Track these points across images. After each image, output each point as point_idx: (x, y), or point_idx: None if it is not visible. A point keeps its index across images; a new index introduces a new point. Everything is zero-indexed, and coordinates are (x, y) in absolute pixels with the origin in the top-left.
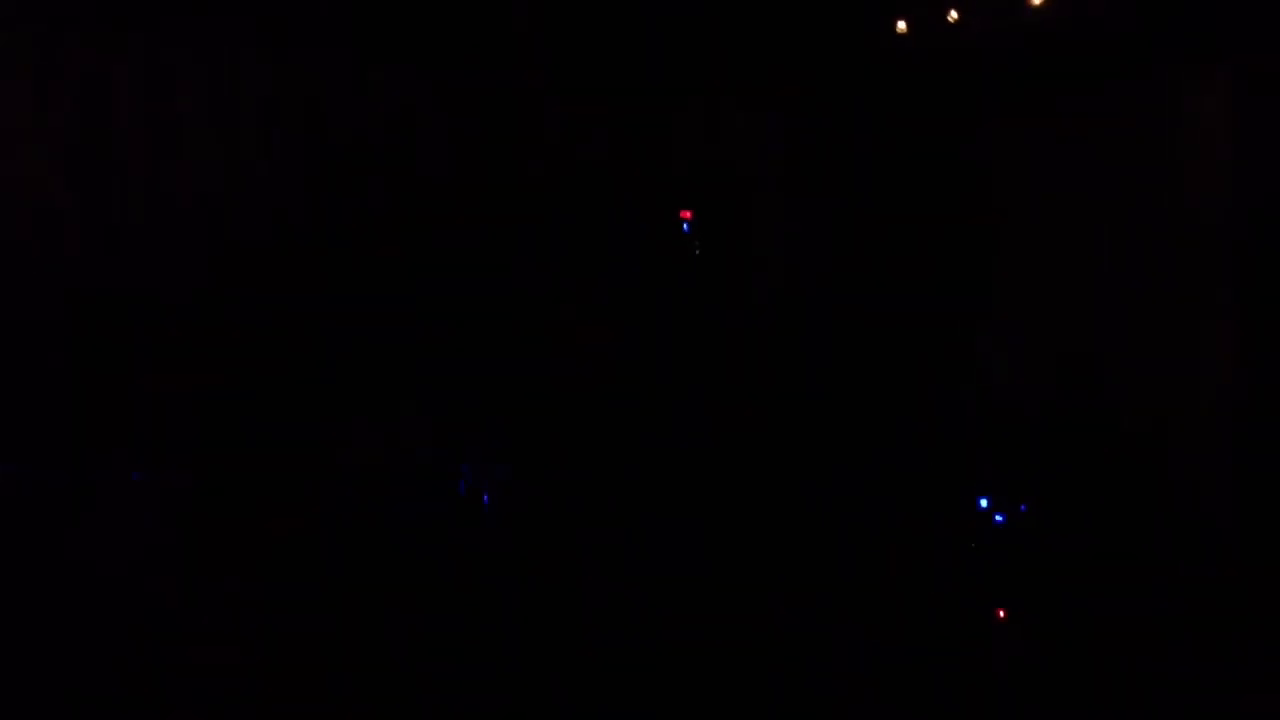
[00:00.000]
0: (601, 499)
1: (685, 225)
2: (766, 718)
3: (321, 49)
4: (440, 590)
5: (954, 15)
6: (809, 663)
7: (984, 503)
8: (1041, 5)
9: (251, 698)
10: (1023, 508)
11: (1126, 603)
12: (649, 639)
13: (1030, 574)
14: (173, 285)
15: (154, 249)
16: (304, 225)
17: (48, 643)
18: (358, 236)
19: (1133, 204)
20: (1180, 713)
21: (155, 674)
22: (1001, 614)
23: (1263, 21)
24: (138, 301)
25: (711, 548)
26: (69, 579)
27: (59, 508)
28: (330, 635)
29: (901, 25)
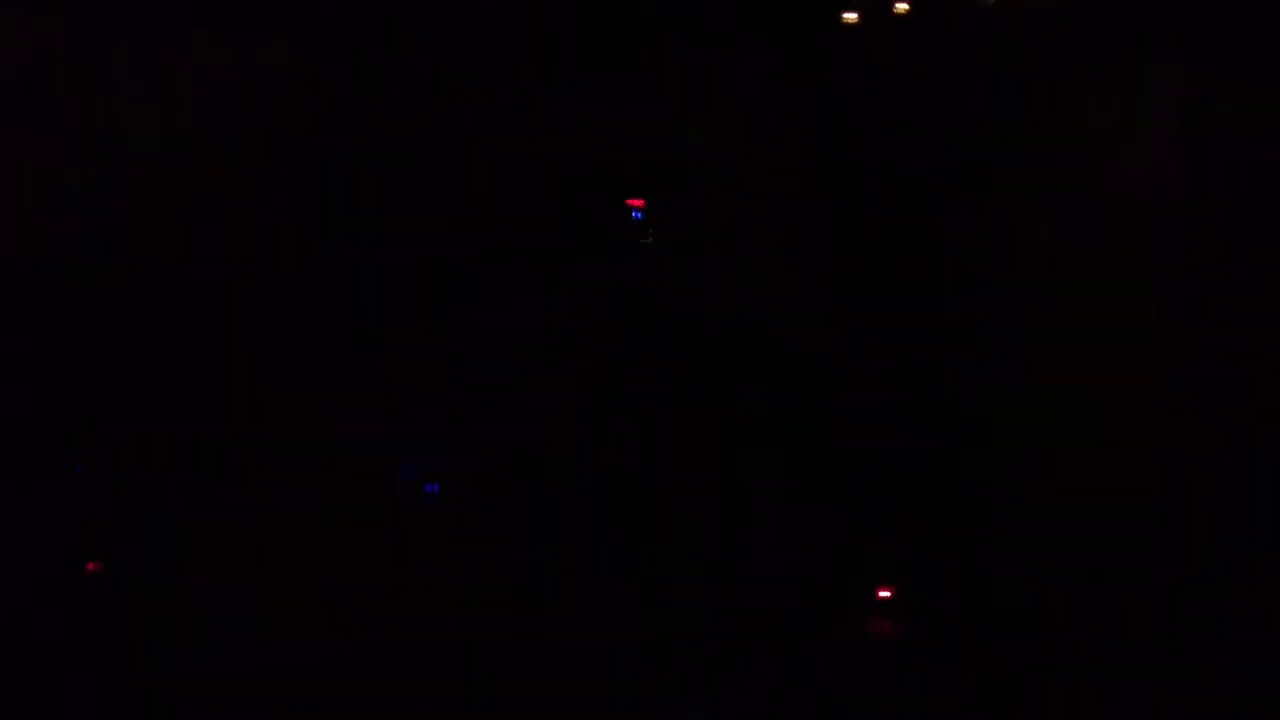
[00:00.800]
0: (565, 496)
1: (635, 213)
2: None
3: (283, 40)
4: (393, 582)
5: (903, 7)
6: (779, 660)
7: None
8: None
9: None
10: None
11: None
12: (604, 635)
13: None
14: (123, 278)
15: (109, 243)
16: (263, 220)
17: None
18: (318, 231)
19: (1098, 200)
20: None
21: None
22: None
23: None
24: (90, 296)
25: (665, 547)
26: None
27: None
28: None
29: (851, 16)
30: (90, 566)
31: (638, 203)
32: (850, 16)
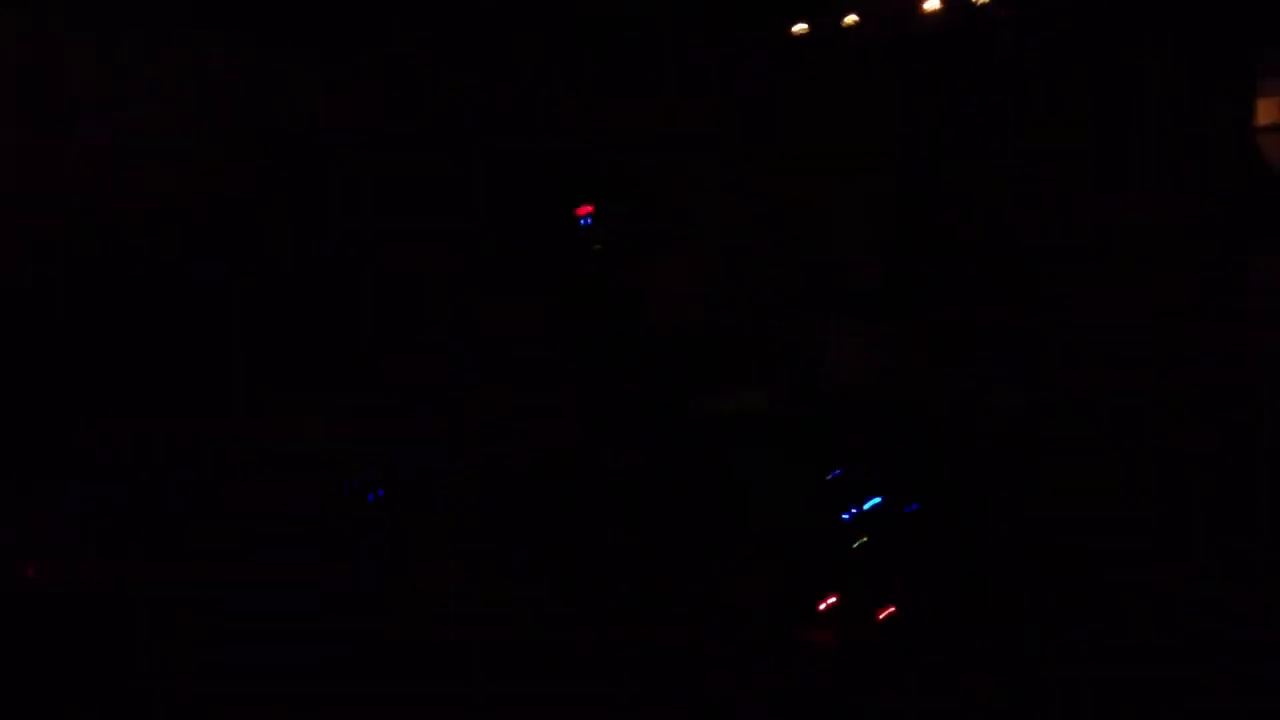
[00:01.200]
0: (513, 501)
1: (585, 220)
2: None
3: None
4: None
5: (851, 19)
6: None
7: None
8: (936, 11)
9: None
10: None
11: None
12: (542, 638)
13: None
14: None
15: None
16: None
17: None
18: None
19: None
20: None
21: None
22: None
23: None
24: (46, 289)
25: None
26: None
27: None
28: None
29: (801, 27)
30: (30, 571)
31: (586, 209)
32: (800, 27)
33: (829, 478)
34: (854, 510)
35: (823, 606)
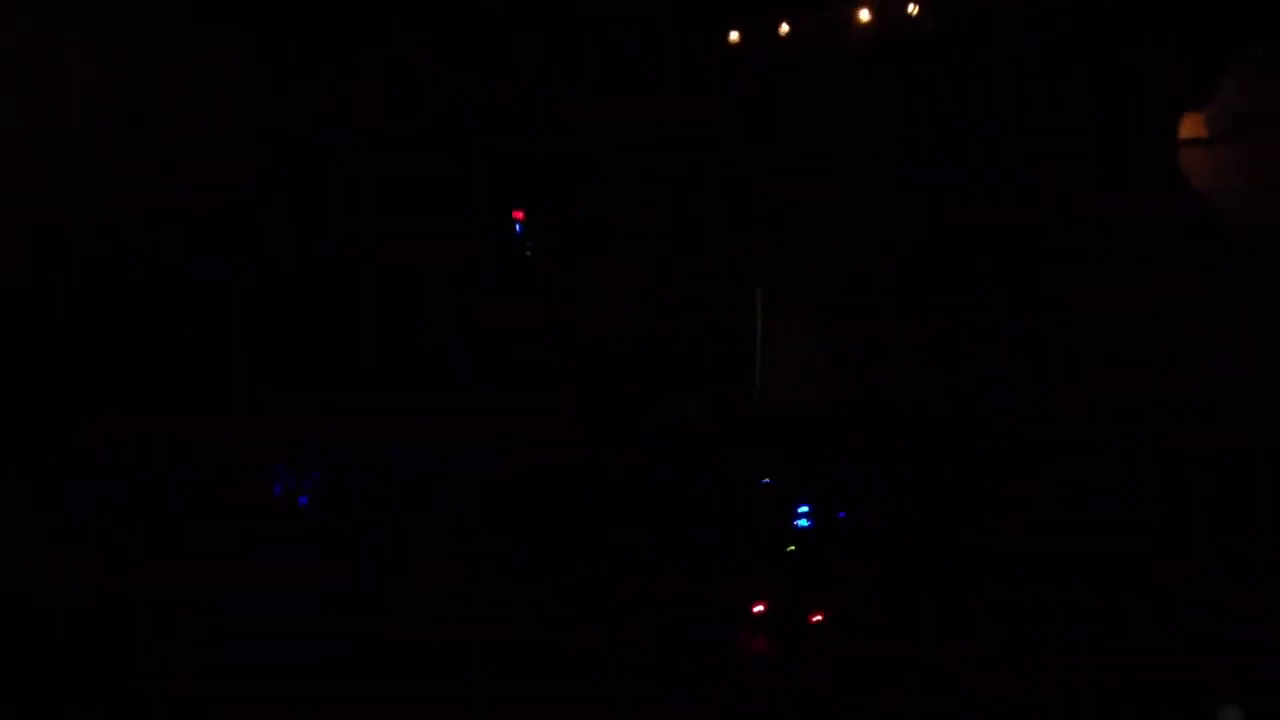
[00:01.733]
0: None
1: (518, 226)
2: None
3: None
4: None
5: (785, 28)
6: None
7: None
8: (868, 24)
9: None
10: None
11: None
12: (474, 645)
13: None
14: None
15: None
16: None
17: None
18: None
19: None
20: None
21: None
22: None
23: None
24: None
25: (531, 554)
26: None
27: None
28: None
29: (735, 36)
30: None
31: (519, 215)
32: (733, 36)
33: (765, 483)
34: (806, 515)
35: (757, 610)
